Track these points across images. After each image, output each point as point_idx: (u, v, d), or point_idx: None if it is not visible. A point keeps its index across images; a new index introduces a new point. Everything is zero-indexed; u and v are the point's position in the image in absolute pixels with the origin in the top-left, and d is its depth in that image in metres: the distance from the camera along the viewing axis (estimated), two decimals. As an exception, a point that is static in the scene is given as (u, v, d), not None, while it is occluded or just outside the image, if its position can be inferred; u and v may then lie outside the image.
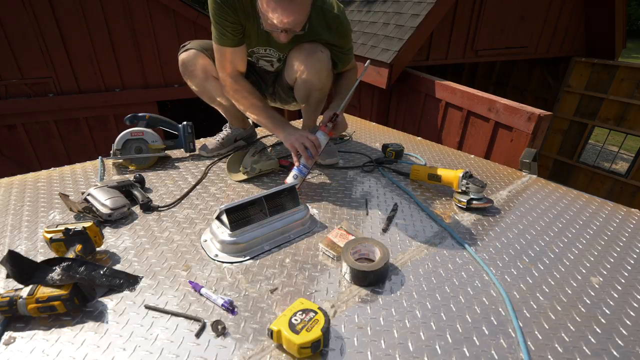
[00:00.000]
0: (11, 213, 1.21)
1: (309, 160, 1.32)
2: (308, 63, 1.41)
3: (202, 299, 0.88)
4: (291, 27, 1.20)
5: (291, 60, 1.46)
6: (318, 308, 0.78)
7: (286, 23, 1.17)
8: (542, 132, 2.42)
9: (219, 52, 1.38)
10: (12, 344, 0.76)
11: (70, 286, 0.80)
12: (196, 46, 1.50)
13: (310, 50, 1.40)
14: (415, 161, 1.73)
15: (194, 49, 1.49)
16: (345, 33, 1.44)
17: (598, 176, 4.80)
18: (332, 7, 1.37)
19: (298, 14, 1.16)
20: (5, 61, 3.47)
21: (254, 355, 0.75)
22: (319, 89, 1.51)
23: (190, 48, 1.50)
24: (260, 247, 1.07)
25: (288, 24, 1.17)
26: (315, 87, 1.49)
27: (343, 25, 1.40)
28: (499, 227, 1.21)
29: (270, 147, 1.82)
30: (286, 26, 1.19)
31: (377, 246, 1.00)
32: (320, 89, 1.51)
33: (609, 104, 4.49)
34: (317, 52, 1.40)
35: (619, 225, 1.24)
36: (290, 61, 1.46)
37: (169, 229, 1.15)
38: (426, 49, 3.67)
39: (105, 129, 4.14)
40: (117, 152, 1.51)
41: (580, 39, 4.76)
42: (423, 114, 3.43)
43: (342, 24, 1.40)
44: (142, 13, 3.89)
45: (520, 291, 0.94)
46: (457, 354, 0.76)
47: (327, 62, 1.44)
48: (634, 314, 0.88)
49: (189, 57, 1.49)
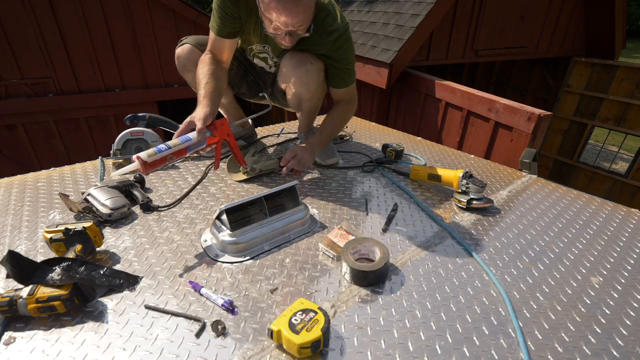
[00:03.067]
0: (11, 213, 1.21)
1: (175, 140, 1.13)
2: (296, 74, 1.41)
3: (202, 299, 0.88)
4: (296, 28, 1.19)
5: (282, 68, 1.46)
6: (318, 308, 0.78)
7: (291, 25, 1.16)
8: (542, 132, 2.42)
9: (211, 35, 1.38)
10: (12, 344, 0.76)
11: (70, 286, 0.80)
12: (192, 41, 1.50)
13: (300, 61, 1.39)
14: (415, 161, 1.73)
15: (189, 44, 1.49)
16: (345, 47, 1.39)
17: (598, 176, 4.80)
18: (334, 19, 1.33)
19: (303, 15, 1.16)
20: (5, 61, 3.48)
21: (254, 355, 0.75)
22: (309, 99, 1.52)
23: (186, 43, 1.50)
24: (260, 247, 1.07)
25: (293, 25, 1.17)
26: (305, 97, 1.50)
27: (342, 39, 1.36)
28: (499, 227, 1.21)
29: (270, 147, 1.83)
30: (291, 28, 1.18)
31: (377, 246, 1.00)
32: (310, 99, 1.52)
33: (609, 104, 4.49)
34: (307, 63, 1.38)
35: (619, 225, 1.24)
36: (281, 69, 1.46)
37: (169, 229, 1.15)
38: (426, 49, 3.67)
39: (105, 129, 4.14)
40: (117, 152, 1.52)
41: (580, 39, 4.77)
42: (423, 114, 3.43)
43: (342, 37, 1.35)
44: (142, 13, 3.89)
45: (520, 291, 0.94)
46: (457, 354, 0.76)
47: (317, 74, 1.42)
48: (634, 314, 0.87)
49: (183, 51, 1.49)
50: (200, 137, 1.14)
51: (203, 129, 1.15)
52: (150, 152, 1.05)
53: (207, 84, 1.27)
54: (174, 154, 1.10)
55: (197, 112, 1.19)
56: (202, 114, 1.17)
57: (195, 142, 1.14)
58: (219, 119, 1.26)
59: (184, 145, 1.12)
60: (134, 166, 1.01)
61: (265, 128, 2.12)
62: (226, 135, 1.27)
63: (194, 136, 1.14)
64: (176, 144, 1.11)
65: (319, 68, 1.42)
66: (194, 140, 1.14)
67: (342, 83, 1.50)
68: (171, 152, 1.09)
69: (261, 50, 1.48)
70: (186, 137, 1.14)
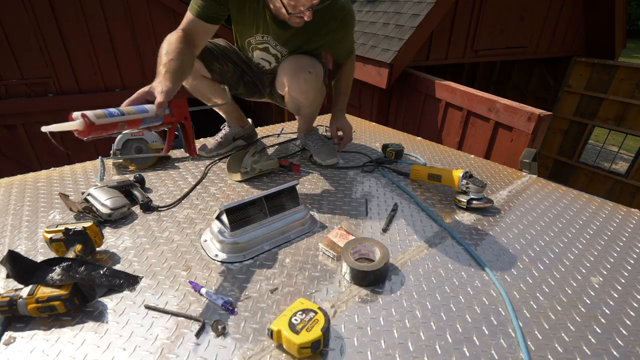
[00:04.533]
0: (11, 213, 1.21)
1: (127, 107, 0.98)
2: (293, 83, 1.41)
3: (202, 299, 0.88)
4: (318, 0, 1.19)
5: (280, 76, 1.46)
6: (318, 308, 0.78)
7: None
8: (542, 132, 2.42)
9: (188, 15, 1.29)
10: (12, 344, 0.76)
11: (70, 286, 0.80)
12: None
13: (298, 70, 1.39)
14: (415, 161, 1.73)
15: None
16: (351, 24, 1.44)
17: (598, 176, 4.80)
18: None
19: None
20: (5, 61, 3.47)
21: (254, 355, 0.75)
22: (307, 106, 1.53)
23: None
24: (260, 247, 1.07)
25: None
26: (303, 104, 1.51)
27: (350, 15, 1.40)
28: (499, 227, 1.21)
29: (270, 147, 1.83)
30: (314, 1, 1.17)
31: (377, 246, 1.00)
32: (309, 106, 1.53)
33: (608, 104, 4.49)
34: (305, 72, 1.38)
35: (619, 225, 1.24)
36: (279, 77, 1.46)
37: (169, 229, 1.15)
38: (426, 49, 3.67)
39: (105, 129, 4.14)
40: (117, 152, 1.51)
41: (580, 39, 4.77)
42: (423, 114, 3.43)
43: (349, 14, 1.39)
44: (141, 13, 3.89)
45: (520, 291, 0.94)
46: (457, 354, 0.76)
47: (316, 82, 1.43)
48: (634, 314, 0.87)
49: None
50: (159, 112, 0.98)
51: (164, 103, 0.98)
52: (98, 112, 0.86)
53: (173, 61, 1.11)
54: (126, 123, 0.92)
55: (159, 85, 1.02)
56: (164, 87, 1.00)
57: (152, 116, 0.98)
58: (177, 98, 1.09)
59: (139, 117, 0.95)
60: (75, 125, 0.83)
61: (265, 128, 2.12)
62: (183, 118, 1.10)
63: (151, 109, 0.97)
64: (130, 112, 0.93)
65: (318, 76, 1.42)
66: (150, 114, 0.97)
67: (347, 57, 1.54)
68: (123, 120, 0.91)
69: (260, 40, 1.45)
70: (142, 107, 0.97)
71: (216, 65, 1.51)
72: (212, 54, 1.49)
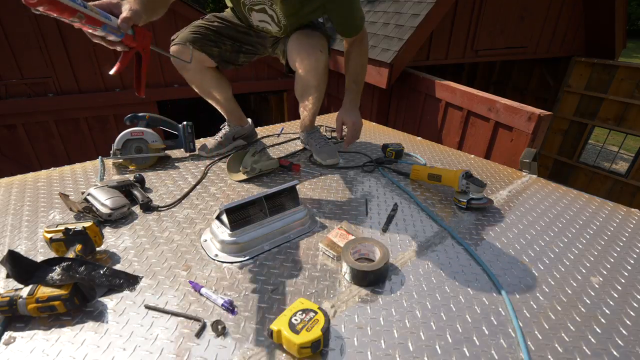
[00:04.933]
0: (11, 213, 1.21)
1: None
2: (305, 63, 1.43)
3: (202, 299, 0.88)
4: None
5: (292, 54, 1.47)
6: (318, 308, 0.78)
7: None
8: (542, 132, 2.42)
9: None
10: (12, 344, 0.76)
11: (70, 286, 0.80)
12: (180, 40, 1.47)
13: (310, 49, 1.42)
14: (415, 161, 1.73)
15: (177, 45, 1.47)
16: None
17: (598, 176, 4.81)
18: None
19: None
20: (5, 61, 3.47)
21: (254, 355, 0.75)
22: (314, 87, 1.52)
23: (178, 43, 1.47)
24: (260, 247, 1.07)
25: None
26: (311, 84, 1.51)
27: None
28: (499, 227, 1.21)
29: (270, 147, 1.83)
30: None
31: (377, 246, 1.00)
32: (316, 86, 1.52)
33: (608, 104, 4.49)
34: (317, 52, 1.42)
35: (619, 225, 1.24)
36: (291, 55, 1.48)
37: (169, 229, 1.15)
38: (426, 49, 3.67)
39: (105, 129, 4.14)
40: (117, 152, 1.51)
41: (580, 38, 4.77)
42: (423, 114, 3.43)
43: None
44: (142, 13, 3.88)
45: (520, 291, 0.94)
46: (457, 354, 0.76)
47: (325, 62, 1.46)
48: (634, 314, 0.87)
49: (178, 51, 1.46)
50: (122, 26, 0.93)
51: (130, 19, 0.94)
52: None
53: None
54: (85, 17, 0.86)
55: (127, 3, 0.97)
56: (134, 7, 0.96)
57: (114, 26, 0.93)
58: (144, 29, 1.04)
59: (101, 19, 0.90)
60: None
61: (265, 128, 2.12)
62: (142, 50, 1.04)
63: (114, 20, 0.93)
64: (93, 10, 0.89)
65: (327, 56, 1.46)
66: (112, 23, 0.93)
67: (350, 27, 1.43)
68: (82, 12, 0.85)
69: (256, 2, 1.40)
70: (106, 14, 0.92)
71: (215, 49, 1.52)
72: (209, 38, 1.50)
